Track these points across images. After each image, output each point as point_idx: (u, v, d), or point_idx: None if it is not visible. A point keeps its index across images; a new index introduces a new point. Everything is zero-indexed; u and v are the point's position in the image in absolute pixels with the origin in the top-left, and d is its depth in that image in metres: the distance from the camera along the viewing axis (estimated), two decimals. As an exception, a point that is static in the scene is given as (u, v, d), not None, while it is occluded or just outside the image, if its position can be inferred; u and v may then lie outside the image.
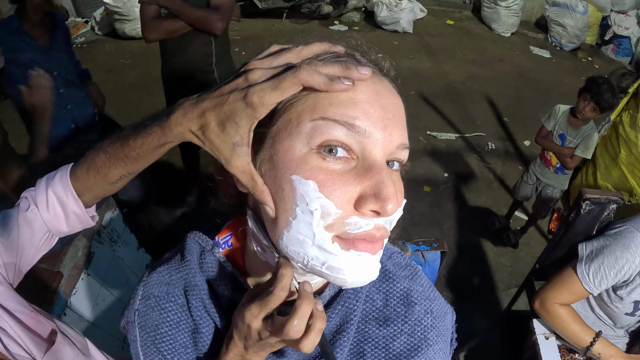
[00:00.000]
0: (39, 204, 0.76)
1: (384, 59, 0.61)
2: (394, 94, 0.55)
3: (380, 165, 0.49)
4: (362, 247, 0.49)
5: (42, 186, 0.75)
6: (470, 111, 4.87)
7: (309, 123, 0.49)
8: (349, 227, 0.49)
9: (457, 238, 3.25)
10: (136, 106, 4.73)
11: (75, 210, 0.75)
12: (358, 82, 0.50)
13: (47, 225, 0.78)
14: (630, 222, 1.33)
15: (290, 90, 0.46)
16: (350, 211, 0.49)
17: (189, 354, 0.66)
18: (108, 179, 0.68)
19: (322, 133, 0.48)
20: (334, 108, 0.49)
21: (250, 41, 2.06)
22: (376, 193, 0.48)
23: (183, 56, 2.33)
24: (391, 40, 6.68)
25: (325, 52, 0.54)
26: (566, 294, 1.41)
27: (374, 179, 0.48)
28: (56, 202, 0.74)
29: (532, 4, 7.47)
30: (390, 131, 0.51)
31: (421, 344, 0.64)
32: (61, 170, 0.74)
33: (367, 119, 0.49)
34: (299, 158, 0.49)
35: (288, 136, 0.50)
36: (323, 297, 0.63)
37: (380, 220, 0.50)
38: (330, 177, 0.48)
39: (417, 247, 1.17)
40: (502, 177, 3.90)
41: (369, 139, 0.49)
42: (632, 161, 2.91)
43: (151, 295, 0.68)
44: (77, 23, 6.90)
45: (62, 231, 0.80)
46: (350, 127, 0.48)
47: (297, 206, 0.48)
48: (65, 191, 0.73)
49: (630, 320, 1.43)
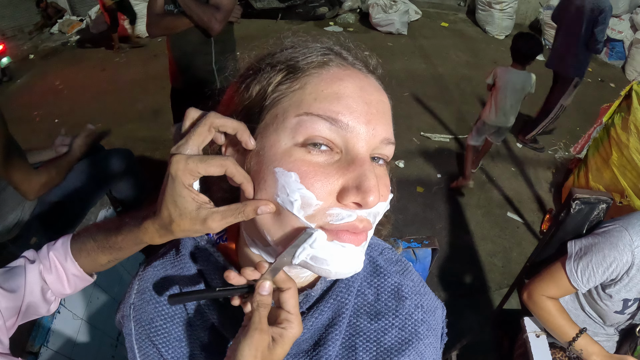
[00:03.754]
0: (43, 267, 0.81)
1: (371, 57, 0.63)
2: (379, 91, 0.57)
3: (363, 159, 0.51)
4: (346, 238, 0.51)
5: (44, 251, 0.81)
6: (464, 113, 4.90)
7: (294, 118, 0.51)
8: (331, 218, 0.50)
9: (449, 238, 3.27)
10: (130, 105, 4.72)
11: (74, 272, 0.80)
12: (341, 78, 0.53)
13: (51, 287, 0.82)
14: (619, 221, 1.35)
15: (203, 135, 0.51)
16: (332, 202, 0.50)
17: (183, 347, 0.66)
18: (97, 262, 0.76)
19: (306, 128, 0.50)
20: (318, 103, 0.51)
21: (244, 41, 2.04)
22: (358, 185, 0.49)
23: (184, 53, 2.34)
24: (386, 41, 6.71)
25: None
26: (554, 288, 1.43)
27: (356, 171, 0.50)
28: (57, 264, 0.80)
29: (526, 7, 7.52)
30: (374, 126, 0.52)
31: (412, 338, 0.65)
32: (62, 238, 0.81)
33: (350, 113, 0.51)
34: (284, 151, 0.51)
35: (274, 131, 0.52)
36: (315, 290, 0.64)
37: (363, 212, 0.51)
38: (312, 169, 0.50)
39: (409, 245, 1.18)
40: (495, 179, 3.92)
41: (352, 133, 0.51)
42: (624, 163, 2.93)
43: (146, 289, 0.69)
44: (72, 21, 6.89)
45: (64, 293, 0.84)
46: (333, 122, 0.50)
47: (277, 197, 0.50)
48: (65, 255, 0.79)
49: (619, 318, 1.45)
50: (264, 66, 0.58)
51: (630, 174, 2.90)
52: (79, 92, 5.00)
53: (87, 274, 0.82)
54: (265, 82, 0.56)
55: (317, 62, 0.55)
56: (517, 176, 3.99)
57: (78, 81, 5.26)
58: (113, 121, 4.41)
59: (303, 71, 0.55)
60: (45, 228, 1.88)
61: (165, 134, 4.07)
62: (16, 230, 1.79)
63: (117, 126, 4.32)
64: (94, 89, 5.06)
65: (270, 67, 0.57)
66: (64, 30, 6.66)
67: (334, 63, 0.55)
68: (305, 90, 0.52)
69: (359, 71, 0.56)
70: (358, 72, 0.56)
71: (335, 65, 0.55)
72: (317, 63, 0.55)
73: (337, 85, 0.52)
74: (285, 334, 0.53)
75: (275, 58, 0.58)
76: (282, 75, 0.56)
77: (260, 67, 0.58)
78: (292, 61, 0.56)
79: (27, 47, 6.27)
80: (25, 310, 0.80)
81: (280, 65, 0.57)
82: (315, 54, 0.56)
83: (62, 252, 0.80)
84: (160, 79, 4.89)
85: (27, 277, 0.80)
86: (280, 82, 0.55)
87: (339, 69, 0.55)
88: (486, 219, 3.47)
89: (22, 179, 1.61)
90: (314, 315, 0.62)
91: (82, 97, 4.90)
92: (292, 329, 0.53)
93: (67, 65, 5.71)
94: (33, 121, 4.41)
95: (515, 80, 3.19)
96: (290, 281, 0.54)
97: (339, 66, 0.55)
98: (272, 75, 0.56)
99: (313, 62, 0.55)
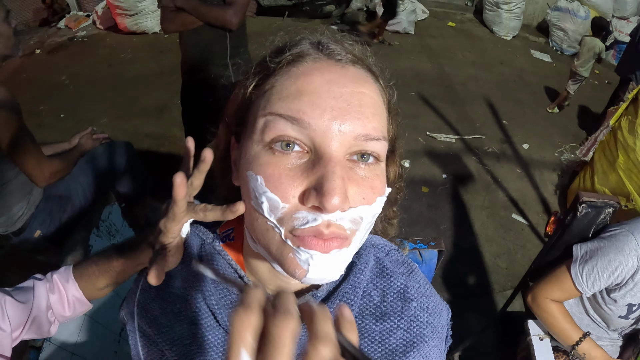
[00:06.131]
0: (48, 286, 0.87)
1: (355, 45, 0.59)
2: (357, 82, 0.53)
3: (329, 158, 0.47)
4: (312, 244, 0.47)
5: (48, 275, 0.88)
6: (470, 113, 4.88)
7: (261, 119, 0.51)
8: (296, 222, 0.47)
9: (454, 239, 3.26)
10: (136, 100, 4.73)
11: (75, 294, 0.87)
12: (308, 73, 0.51)
13: (53, 307, 0.87)
14: (625, 225, 1.34)
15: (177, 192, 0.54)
16: (298, 206, 0.48)
17: (187, 345, 0.66)
18: (96, 286, 0.85)
19: (271, 129, 0.49)
20: (281, 102, 0.50)
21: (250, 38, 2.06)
22: (317, 187, 0.46)
23: (199, 48, 2.35)
24: (392, 40, 6.69)
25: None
26: (558, 291, 1.42)
27: (319, 172, 0.47)
28: (60, 286, 0.87)
29: (533, 7, 7.49)
30: (343, 121, 0.49)
31: (417, 340, 0.65)
32: (65, 266, 0.89)
33: (312, 110, 0.48)
34: (254, 155, 0.51)
35: (249, 135, 0.53)
36: (320, 291, 0.64)
37: (331, 216, 0.47)
38: (277, 171, 0.48)
39: (415, 246, 1.17)
40: (500, 180, 3.91)
41: (316, 132, 0.48)
42: (630, 166, 2.92)
43: (151, 286, 0.69)
44: (78, 17, 6.90)
45: (64, 315, 0.90)
46: (294, 121, 0.48)
47: (251, 200, 0.50)
48: (67, 278, 0.87)
49: (623, 323, 1.44)
50: (249, 70, 0.59)
51: (636, 177, 2.89)
52: (84, 87, 5.01)
53: (86, 299, 0.88)
54: (246, 86, 0.57)
55: (287, 60, 0.54)
56: (522, 178, 3.98)
57: (84, 76, 5.27)
58: (118, 117, 4.42)
59: (274, 71, 0.54)
60: (50, 222, 1.89)
61: (171, 130, 4.08)
62: (20, 222, 1.81)
63: (122, 122, 4.33)
64: (100, 85, 5.07)
65: (252, 70, 0.58)
66: (70, 25, 6.68)
67: (309, 58, 0.54)
68: (273, 90, 0.52)
69: (335, 63, 0.54)
70: (333, 64, 0.53)
71: (310, 59, 0.53)
72: (287, 61, 0.54)
73: (302, 81, 0.50)
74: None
75: (258, 60, 0.59)
76: (258, 77, 0.56)
77: (247, 71, 0.59)
78: (265, 62, 0.56)
79: (34, 42, 6.29)
80: (31, 324, 0.83)
81: (257, 68, 0.57)
82: (291, 51, 0.55)
83: (65, 275, 0.87)
84: (166, 75, 4.89)
85: (35, 291, 0.86)
86: (255, 85, 0.55)
87: (311, 63, 0.53)
88: (491, 220, 3.46)
89: (34, 165, 1.67)
90: (319, 316, 0.62)
91: (88, 92, 4.91)
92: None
93: (73, 61, 5.72)
94: (39, 115, 4.43)
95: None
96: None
97: (312, 60, 0.53)
98: (250, 78, 0.57)
99: (283, 61, 0.54)
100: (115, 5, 6.10)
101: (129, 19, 6.24)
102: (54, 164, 1.76)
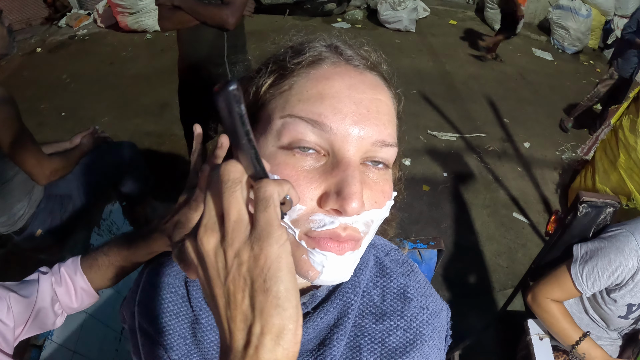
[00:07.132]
0: (54, 280, 0.88)
1: (372, 52, 0.60)
2: (375, 88, 0.54)
3: (348, 162, 0.48)
4: (328, 246, 0.48)
5: (55, 267, 0.89)
6: (471, 111, 4.87)
7: (279, 120, 0.51)
8: (313, 224, 0.48)
9: (454, 238, 3.26)
10: (137, 99, 4.73)
11: (83, 286, 0.88)
12: (329, 77, 0.51)
13: (60, 299, 0.88)
14: (626, 226, 1.34)
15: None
16: (315, 208, 0.48)
17: (188, 344, 0.66)
18: (105, 276, 0.86)
19: (290, 131, 0.49)
20: (301, 105, 0.50)
21: (252, 36, 2.05)
22: (338, 191, 0.47)
23: (196, 47, 2.35)
24: (394, 38, 6.68)
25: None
26: (558, 291, 1.42)
27: (338, 176, 0.47)
28: (67, 278, 0.87)
29: (535, 6, 7.47)
30: (363, 127, 0.50)
31: (416, 340, 0.65)
32: (72, 257, 0.90)
33: (334, 115, 0.49)
34: (269, 154, 0.50)
35: (262, 134, 0.52)
36: (320, 291, 0.64)
37: (348, 219, 0.49)
38: (295, 173, 0.48)
39: (415, 245, 1.17)
40: (501, 178, 3.90)
41: (336, 136, 0.49)
42: (631, 165, 2.91)
43: (153, 286, 0.69)
44: (79, 15, 6.89)
45: (71, 307, 0.90)
46: (315, 124, 0.48)
47: None
48: (74, 270, 0.88)
49: (623, 323, 1.44)
50: (262, 67, 0.58)
51: (637, 176, 2.88)
52: (85, 86, 5.00)
53: (93, 290, 0.88)
54: (260, 84, 0.56)
55: (307, 62, 0.54)
56: (523, 176, 3.97)
57: (85, 75, 5.26)
58: (119, 115, 4.42)
59: (292, 72, 0.54)
60: (51, 220, 1.89)
61: (172, 128, 4.07)
62: (22, 222, 1.81)
63: (123, 120, 4.33)
64: (101, 83, 5.07)
65: (265, 69, 0.57)
66: (72, 23, 6.67)
67: (328, 61, 0.54)
68: (292, 91, 0.52)
69: (354, 68, 0.54)
70: (352, 70, 0.54)
71: (329, 63, 0.54)
72: (307, 63, 0.54)
73: (323, 84, 0.51)
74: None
75: (272, 59, 0.58)
76: (274, 76, 0.55)
77: (260, 69, 0.58)
78: (283, 62, 0.56)
79: (35, 40, 6.29)
80: (35, 316, 0.83)
81: (272, 67, 0.57)
82: (309, 53, 0.55)
83: (72, 267, 0.87)
84: (167, 74, 4.87)
85: (40, 284, 0.86)
86: (271, 84, 0.55)
87: (331, 67, 0.54)
88: (492, 219, 3.46)
89: (34, 163, 1.67)
90: (319, 315, 0.62)
91: (88, 90, 4.90)
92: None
93: (74, 59, 5.72)
94: (40, 114, 4.43)
95: None
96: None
97: (332, 64, 0.54)
98: (265, 77, 0.56)
99: (303, 62, 0.54)
100: (116, 4, 6.08)
101: (130, 18, 6.23)
102: (54, 162, 1.76)
